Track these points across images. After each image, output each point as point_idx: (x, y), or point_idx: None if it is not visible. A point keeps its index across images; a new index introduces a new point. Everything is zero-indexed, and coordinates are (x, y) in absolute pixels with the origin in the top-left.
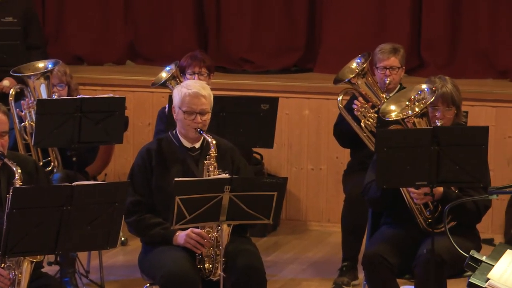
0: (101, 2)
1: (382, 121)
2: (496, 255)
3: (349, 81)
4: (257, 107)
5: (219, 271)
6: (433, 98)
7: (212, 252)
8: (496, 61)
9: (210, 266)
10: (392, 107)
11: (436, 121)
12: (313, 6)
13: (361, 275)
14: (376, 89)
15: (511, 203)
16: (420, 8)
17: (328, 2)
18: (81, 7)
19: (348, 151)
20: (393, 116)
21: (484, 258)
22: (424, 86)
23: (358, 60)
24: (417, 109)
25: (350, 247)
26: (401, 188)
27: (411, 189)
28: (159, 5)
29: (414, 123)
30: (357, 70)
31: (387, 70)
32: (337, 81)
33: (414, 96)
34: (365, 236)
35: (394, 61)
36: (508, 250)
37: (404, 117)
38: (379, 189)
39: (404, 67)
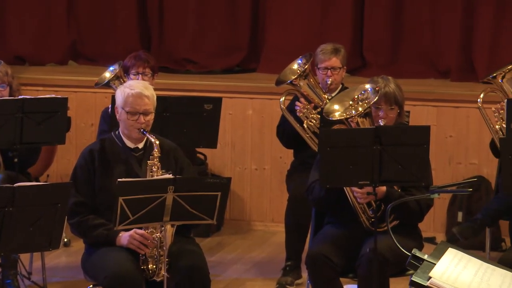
0: (42, 1)
1: (325, 121)
2: (438, 254)
3: (291, 83)
4: (201, 107)
5: (163, 272)
6: (377, 97)
7: (156, 253)
8: (437, 61)
9: (154, 266)
10: (336, 107)
11: (379, 120)
12: (256, 6)
13: (304, 274)
14: (318, 90)
15: (453, 202)
16: (362, 9)
17: (271, 2)
18: (22, 7)
19: (291, 150)
20: (337, 115)
21: (426, 257)
22: (367, 86)
23: (300, 61)
24: (360, 109)
25: (293, 247)
26: (344, 188)
27: (354, 189)
28: (101, 5)
29: (357, 123)
30: (298, 71)
31: (329, 70)
32: (279, 82)
33: (358, 96)
34: (308, 236)
35: (335, 61)
36: (450, 249)
37: (348, 116)
38: (323, 189)
39: (345, 67)
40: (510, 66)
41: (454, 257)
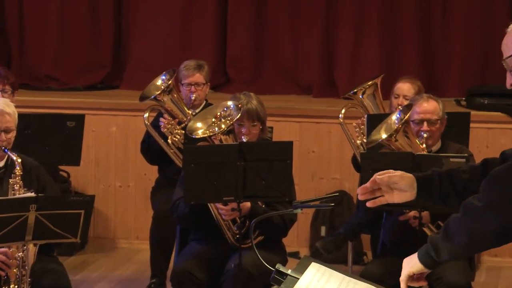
0: None
1: (190, 138)
2: (301, 268)
3: (155, 98)
4: (63, 125)
5: None
6: (239, 114)
7: (18, 273)
8: (299, 78)
9: (16, 286)
10: (199, 125)
11: (242, 137)
12: (118, 23)
13: None
14: (182, 106)
15: (316, 217)
16: (225, 26)
17: (134, 18)
18: None
19: (156, 167)
20: (200, 133)
21: (289, 272)
22: (229, 103)
23: (163, 77)
24: (223, 126)
25: (158, 264)
26: (209, 204)
27: (219, 205)
28: None
29: (221, 140)
30: (162, 87)
31: (192, 86)
32: (143, 98)
33: (220, 113)
34: (173, 253)
35: (199, 77)
36: (313, 263)
37: (211, 134)
38: (187, 206)
39: (209, 83)
40: (370, 82)
41: (317, 271)
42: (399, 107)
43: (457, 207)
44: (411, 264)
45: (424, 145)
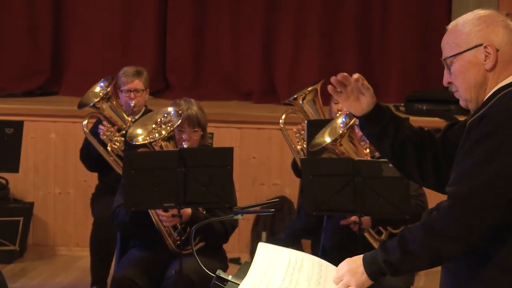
0: None
1: (130, 144)
2: (242, 274)
3: (94, 105)
4: (1, 131)
5: None
6: (180, 120)
7: None
8: (239, 84)
9: None
10: (139, 131)
11: (183, 143)
12: (58, 28)
13: None
14: (121, 113)
15: (257, 222)
16: (165, 32)
17: (73, 24)
18: None
19: (96, 174)
20: (140, 140)
21: (230, 277)
22: (170, 109)
23: (102, 84)
24: (164, 132)
25: (99, 271)
26: (149, 211)
27: (159, 212)
28: None
29: (161, 146)
30: (101, 94)
31: (132, 92)
32: (81, 105)
33: (161, 119)
34: (114, 260)
35: (138, 83)
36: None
37: (151, 140)
38: (128, 213)
39: (148, 90)
40: (310, 88)
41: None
42: (339, 112)
43: (383, 152)
44: (362, 281)
45: (367, 150)
